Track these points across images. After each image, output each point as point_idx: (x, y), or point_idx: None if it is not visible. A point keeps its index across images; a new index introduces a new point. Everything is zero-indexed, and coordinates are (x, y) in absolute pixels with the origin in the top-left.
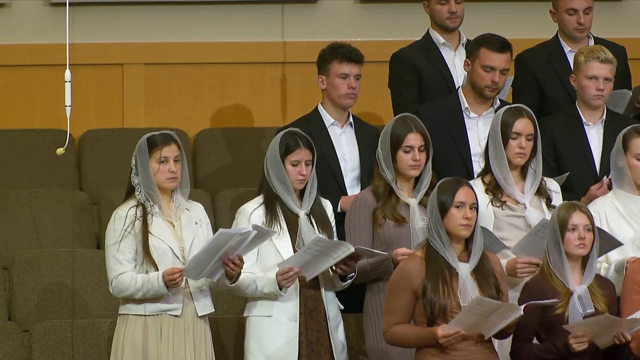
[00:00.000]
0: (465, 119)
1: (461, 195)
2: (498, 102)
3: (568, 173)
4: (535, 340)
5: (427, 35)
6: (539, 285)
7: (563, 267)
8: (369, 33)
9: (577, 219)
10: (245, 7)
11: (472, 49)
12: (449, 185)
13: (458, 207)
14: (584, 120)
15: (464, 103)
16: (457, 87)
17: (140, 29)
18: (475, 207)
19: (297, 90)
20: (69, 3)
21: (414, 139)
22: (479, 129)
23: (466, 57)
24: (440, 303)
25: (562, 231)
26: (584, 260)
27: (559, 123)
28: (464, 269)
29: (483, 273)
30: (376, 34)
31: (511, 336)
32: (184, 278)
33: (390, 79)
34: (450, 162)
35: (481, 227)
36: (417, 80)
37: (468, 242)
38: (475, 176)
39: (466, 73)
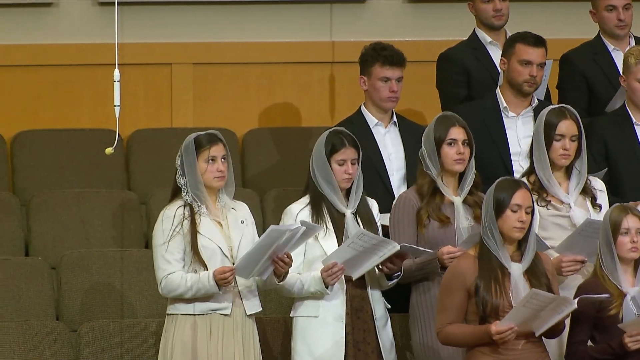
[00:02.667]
0: (503, 118)
1: (518, 198)
2: (536, 101)
3: (607, 169)
4: (589, 343)
5: (474, 35)
6: (593, 286)
7: (615, 270)
8: (417, 33)
9: (629, 222)
10: (293, 7)
11: (508, 46)
12: (507, 185)
13: (514, 210)
14: (634, 120)
15: (502, 102)
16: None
17: (188, 29)
18: (530, 210)
19: (345, 90)
20: (117, 2)
21: (457, 133)
22: (517, 128)
23: (502, 56)
24: (492, 302)
25: (615, 234)
26: (636, 262)
27: (609, 123)
28: (517, 269)
29: (535, 273)
30: (424, 34)
31: (561, 338)
32: (235, 277)
33: (438, 79)
34: (490, 162)
35: None
36: (466, 79)
37: (521, 242)
38: (514, 175)
39: (502, 72)
